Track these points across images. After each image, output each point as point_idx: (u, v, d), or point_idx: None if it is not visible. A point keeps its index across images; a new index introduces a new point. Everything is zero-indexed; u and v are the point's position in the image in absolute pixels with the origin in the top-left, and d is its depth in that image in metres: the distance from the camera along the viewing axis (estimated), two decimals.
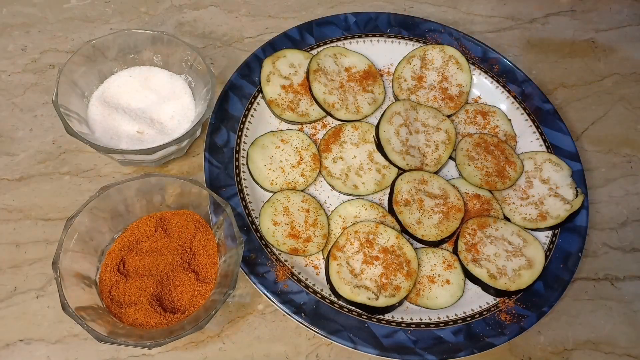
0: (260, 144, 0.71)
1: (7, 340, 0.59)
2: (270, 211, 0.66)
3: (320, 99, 0.74)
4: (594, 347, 0.66)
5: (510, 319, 0.63)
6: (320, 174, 0.71)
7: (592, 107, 0.86)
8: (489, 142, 0.75)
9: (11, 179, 0.69)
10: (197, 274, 0.60)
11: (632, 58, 0.92)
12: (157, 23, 0.85)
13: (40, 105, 0.75)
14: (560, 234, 0.70)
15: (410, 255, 0.65)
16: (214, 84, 0.68)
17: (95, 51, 0.69)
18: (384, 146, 0.71)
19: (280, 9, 0.89)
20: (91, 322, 0.52)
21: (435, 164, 0.73)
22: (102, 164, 0.71)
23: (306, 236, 0.65)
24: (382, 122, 0.73)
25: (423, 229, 0.67)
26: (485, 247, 0.67)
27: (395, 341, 0.60)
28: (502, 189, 0.72)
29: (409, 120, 0.74)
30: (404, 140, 0.73)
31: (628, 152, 0.83)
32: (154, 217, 0.63)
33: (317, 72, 0.76)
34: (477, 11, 0.95)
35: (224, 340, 0.62)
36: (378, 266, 0.64)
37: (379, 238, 0.65)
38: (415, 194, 0.69)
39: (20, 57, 0.78)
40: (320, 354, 0.62)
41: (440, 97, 0.78)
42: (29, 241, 0.65)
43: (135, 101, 0.71)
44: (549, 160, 0.74)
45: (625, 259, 0.73)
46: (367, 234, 0.65)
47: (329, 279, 0.62)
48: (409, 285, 0.63)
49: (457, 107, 0.78)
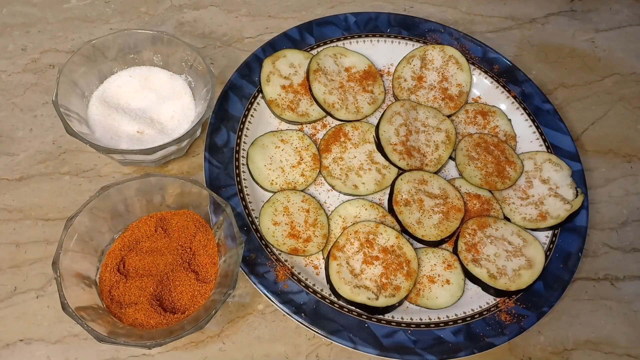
0: (260, 143, 0.71)
1: (7, 340, 0.59)
2: (270, 211, 0.66)
3: (320, 99, 0.74)
4: (594, 347, 0.66)
5: (510, 319, 0.63)
6: (320, 174, 0.71)
7: (592, 107, 0.86)
8: (489, 142, 0.75)
9: (11, 179, 0.69)
10: (197, 274, 0.60)
11: (632, 58, 0.92)
12: (157, 23, 0.85)
13: (40, 105, 0.75)
14: (560, 234, 0.70)
15: (410, 255, 0.65)
16: (214, 84, 0.68)
17: (95, 51, 0.69)
18: (384, 146, 0.71)
19: (280, 9, 0.89)
20: (91, 322, 0.52)
21: (435, 164, 0.73)
22: (102, 164, 0.71)
23: (306, 236, 0.65)
24: (382, 122, 0.73)
25: (423, 229, 0.67)
26: (485, 247, 0.67)
27: (395, 341, 0.60)
28: (502, 189, 0.72)
29: (409, 120, 0.74)
30: (404, 140, 0.73)
31: (628, 152, 0.83)
32: (154, 217, 0.63)
33: (317, 72, 0.75)
34: (477, 11, 0.95)
35: (224, 340, 0.62)
36: (378, 266, 0.64)
37: (379, 238, 0.65)
38: (415, 194, 0.69)
39: (20, 57, 0.78)
40: (320, 354, 0.62)
41: (440, 97, 0.78)
42: (29, 241, 0.65)
43: (135, 101, 0.71)
44: (549, 160, 0.74)
45: (625, 259, 0.73)
46: (367, 234, 0.65)
47: (329, 279, 0.62)
48: (409, 285, 0.63)
49: (457, 107, 0.78)
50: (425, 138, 0.74)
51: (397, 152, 0.72)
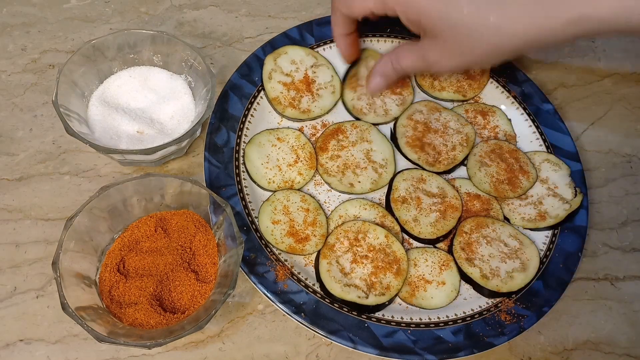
0: (257, 141, 0.71)
1: (7, 340, 0.59)
2: (270, 210, 0.66)
3: (349, 105, 0.76)
4: (594, 347, 0.66)
5: (510, 318, 0.63)
6: (317, 172, 0.71)
7: (592, 107, 0.86)
8: (505, 148, 0.75)
9: (11, 179, 0.69)
10: (197, 274, 0.60)
11: (632, 58, 0.92)
12: (157, 23, 0.85)
13: (40, 105, 0.75)
14: (560, 234, 0.70)
15: (399, 253, 0.65)
16: (213, 84, 0.68)
17: (95, 51, 0.69)
18: (399, 138, 0.73)
19: (280, 9, 0.89)
20: (91, 322, 0.52)
21: (449, 163, 0.73)
22: (102, 164, 0.71)
23: (304, 235, 0.65)
24: (402, 116, 0.75)
25: (419, 226, 0.67)
26: (481, 247, 0.67)
27: (395, 341, 0.60)
28: (512, 198, 0.71)
29: (430, 120, 0.75)
30: (420, 136, 0.73)
31: (628, 152, 0.83)
32: (153, 217, 0.63)
33: (352, 78, 0.77)
34: None
35: (224, 340, 0.62)
36: (367, 265, 0.64)
37: (368, 237, 0.65)
38: (414, 192, 0.69)
39: (20, 57, 0.78)
40: (320, 354, 0.62)
41: (463, 78, 0.80)
42: (28, 241, 0.65)
43: (135, 101, 0.71)
44: (547, 160, 0.74)
45: (625, 259, 0.73)
46: (357, 233, 0.65)
47: (319, 277, 0.63)
48: (398, 284, 0.63)
49: (481, 87, 0.79)
50: (443, 138, 0.74)
51: (410, 145, 0.72)
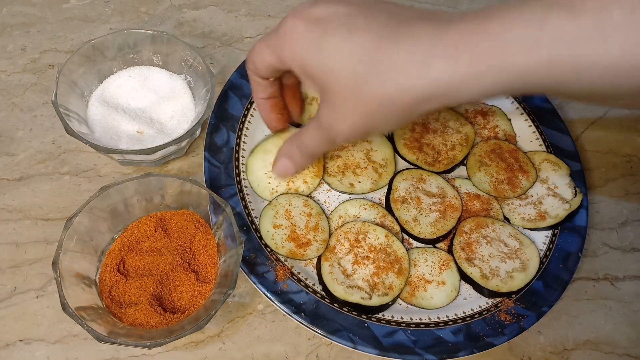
0: (263, 149, 0.70)
1: (7, 340, 0.59)
2: (272, 214, 0.66)
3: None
4: (594, 347, 0.66)
5: (510, 318, 0.63)
6: (322, 180, 0.71)
7: (592, 107, 0.86)
8: (504, 148, 0.75)
9: (11, 179, 0.69)
10: (197, 274, 0.60)
11: None
12: (156, 23, 0.85)
13: (40, 105, 0.75)
14: (559, 234, 0.70)
15: (400, 253, 0.65)
16: (213, 84, 0.68)
17: (95, 51, 0.69)
18: (396, 141, 0.72)
19: (280, 9, 0.89)
20: (91, 322, 0.52)
21: (448, 163, 0.73)
22: (102, 164, 0.71)
23: (306, 240, 0.65)
24: None
25: (419, 226, 0.67)
26: (481, 247, 0.67)
27: (395, 341, 0.60)
28: (512, 197, 0.71)
29: (429, 120, 0.75)
30: (418, 137, 0.73)
31: (628, 152, 0.83)
32: (153, 217, 0.63)
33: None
34: None
35: (224, 340, 0.62)
36: (369, 265, 0.64)
37: (368, 237, 0.65)
38: (413, 192, 0.69)
39: (20, 57, 0.78)
40: (320, 354, 0.62)
41: None
42: (28, 241, 0.65)
43: (134, 101, 0.71)
44: (547, 159, 0.74)
45: (625, 259, 0.73)
46: (357, 234, 0.65)
47: (321, 280, 0.62)
48: (401, 284, 0.63)
49: None
50: (443, 138, 0.74)
51: (408, 147, 0.72)
